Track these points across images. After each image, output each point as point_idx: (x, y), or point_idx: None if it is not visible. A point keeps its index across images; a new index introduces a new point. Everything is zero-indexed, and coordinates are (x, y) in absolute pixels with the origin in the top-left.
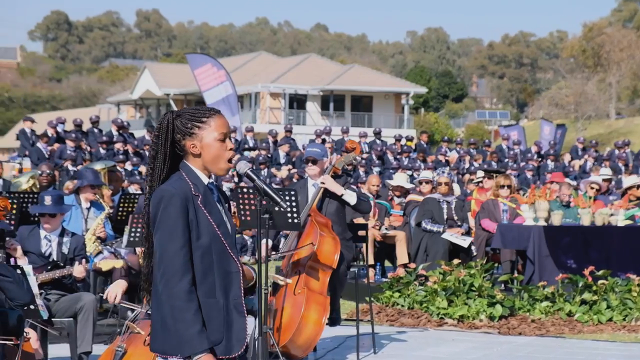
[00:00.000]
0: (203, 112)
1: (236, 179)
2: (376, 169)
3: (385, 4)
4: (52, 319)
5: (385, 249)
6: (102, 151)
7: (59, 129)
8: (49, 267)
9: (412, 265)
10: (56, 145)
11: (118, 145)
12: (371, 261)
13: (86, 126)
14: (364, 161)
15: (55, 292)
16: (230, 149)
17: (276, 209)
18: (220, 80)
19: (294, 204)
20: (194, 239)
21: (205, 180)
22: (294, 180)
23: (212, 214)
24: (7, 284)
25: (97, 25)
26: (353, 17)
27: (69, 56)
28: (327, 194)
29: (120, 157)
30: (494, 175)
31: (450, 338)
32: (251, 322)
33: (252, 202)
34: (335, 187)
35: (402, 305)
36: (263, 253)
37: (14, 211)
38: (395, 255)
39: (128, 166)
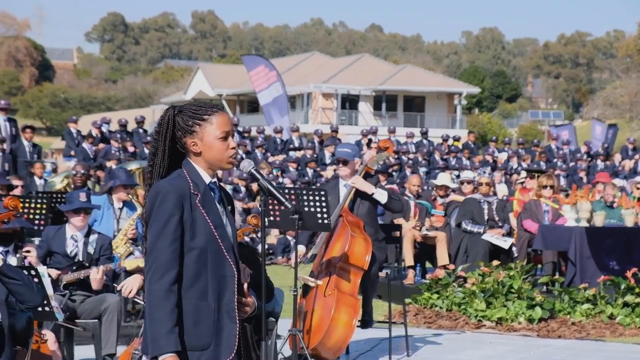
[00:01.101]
0: (205, 109)
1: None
2: (422, 169)
3: (441, 4)
4: (77, 321)
5: (426, 250)
6: (147, 151)
7: (104, 129)
8: (74, 268)
9: (452, 267)
10: (101, 146)
11: None
12: (411, 262)
13: (132, 126)
14: (410, 161)
15: (81, 293)
16: (233, 148)
17: (307, 209)
18: (271, 81)
19: (323, 204)
20: (188, 239)
21: (207, 179)
22: None
23: (210, 214)
24: (16, 286)
25: (153, 26)
26: (408, 17)
27: (125, 57)
28: (358, 194)
29: None
30: (537, 175)
31: (488, 341)
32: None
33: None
34: (366, 187)
35: (441, 307)
36: (300, 255)
37: (43, 211)
38: (436, 256)
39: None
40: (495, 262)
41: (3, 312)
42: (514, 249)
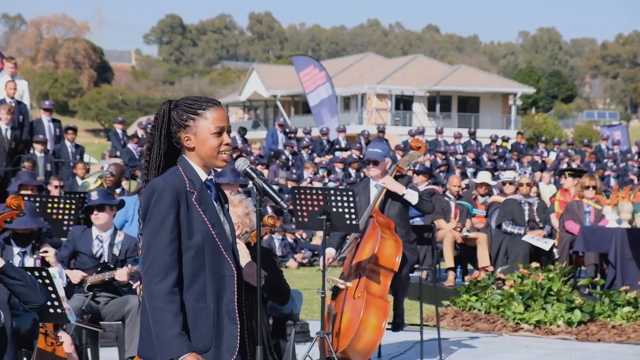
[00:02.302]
0: (200, 103)
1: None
2: (470, 170)
3: (497, 5)
4: (101, 322)
5: (467, 251)
6: None
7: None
8: (99, 269)
9: (490, 268)
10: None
11: None
12: (451, 264)
13: None
14: (459, 162)
15: (105, 295)
16: (227, 144)
17: (335, 210)
18: (321, 81)
19: (351, 205)
20: (185, 238)
21: (204, 176)
22: None
23: (207, 213)
24: (19, 287)
25: (211, 28)
26: (465, 18)
27: (182, 59)
28: (389, 195)
29: None
30: (569, 174)
31: (524, 344)
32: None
33: (310, 202)
34: (396, 187)
35: (479, 310)
36: (330, 261)
37: (72, 212)
38: (477, 257)
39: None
40: (535, 264)
41: (5, 313)
42: (555, 250)
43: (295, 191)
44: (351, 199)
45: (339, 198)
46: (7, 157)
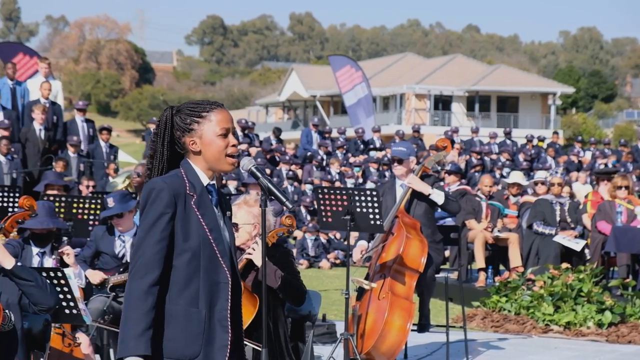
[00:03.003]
0: (203, 106)
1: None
2: (506, 170)
3: (538, 4)
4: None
5: (498, 251)
6: None
7: None
8: (122, 269)
9: (521, 269)
10: None
11: (243, 146)
12: (482, 264)
13: None
14: (498, 163)
15: None
16: (233, 145)
17: (359, 210)
18: (357, 81)
19: (375, 204)
20: (181, 240)
21: (205, 180)
22: None
23: (206, 217)
24: (29, 288)
25: (252, 29)
26: (505, 17)
27: (224, 60)
28: (415, 194)
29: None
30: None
31: (553, 346)
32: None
33: (334, 202)
34: (422, 187)
35: (509, 311)
36: (357, 257)
37: (97, 212)
38: (508, 258)
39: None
40: (565, 265)
41: (16, 314)
42: (586, 251)
43: (319, 191)
44: (375, 198)
45: (362, 198)
46: (41, 157)
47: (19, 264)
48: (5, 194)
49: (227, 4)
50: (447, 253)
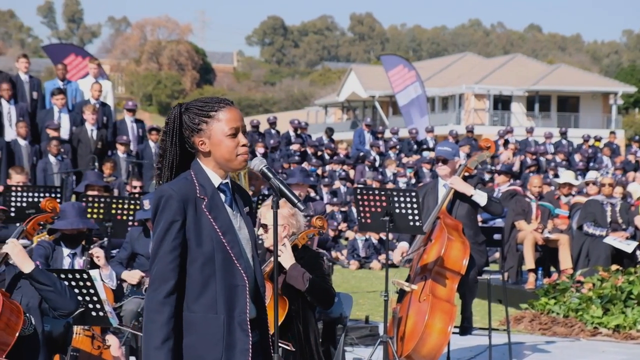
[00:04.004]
0: (212, 104)
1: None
2: (561, 170)
3: (601, 3)
4: None
5: (549, 253)
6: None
7: None
8: None
9: (570, 271)
10: None
11: (295, 147)
12: (532, 266)
13: (264, 127)
14: (553, 164)
15: None
16: (243, 145)
17: (398, 211)
18: (410, 81)
19: (415, 205)
20: (194, 245)
21: (217, 181)
22: None
23: (218, 220)
24: (48, 293)
25: (312, 29)
26: (567, 17)
27: (284, 60)
28: (457, 195)
29: (296, 158)
30: None
31: (601, 349)
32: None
33: (373, 203)
34: (464, 187)
35: (557, 313)
36: (397, 259)
37: (131, 212)
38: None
39: (305, 167)
40: (615, 267)
41: (37, 318)
42: (638, 252)
43: (358, 192)
44: (414, 199)
45: (402, 199)
46: (93, 157)
47: (39, 267)
48: (47, 194)
49: (288, 5)
50: (497, 255)
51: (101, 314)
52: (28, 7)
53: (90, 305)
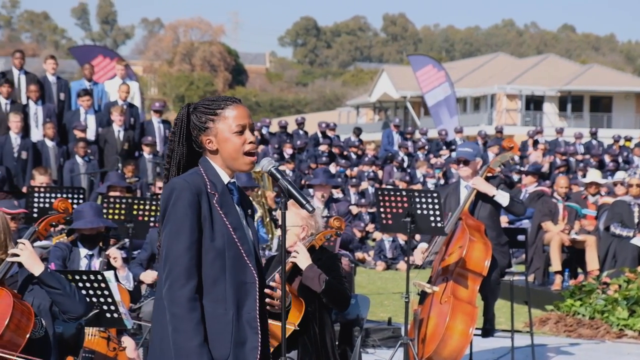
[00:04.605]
0: (218, 102)
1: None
2: (597, 172)
3: (636, 3)
4: None
5: (576, 254)
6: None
7: (264, 131)
8: None
9: (596, 272)
10: (261, 147)
11: (323, 147)
12: (558, 267)
13: (292, 128)
14: (581, 164)
15: None
16: (251, 142)
17: (419, 212)
18: (440, 81)
19: (436, 206)
20: (208, 240)
21: (226, 179)
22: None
23: (229, 216)
24: (57, 296)
25: (345, 30)
26: (601, 16)
27: (316, 61)
28: (480, 196)
29: (324, 159)
30: None
31: (626, 352)
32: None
33: (394, 203)
34: (486, 188)
35: (583, 315)
36: (419, 260)
37: (152, 213)
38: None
39: (332, 168)
40: None
41: (48, 320)
42: None
43: (379, 193)
44: (436, 200)
45: (423, 199)
46: (117, 158)
47: (48, 269)
48: (70, 195)
49: (321, 6)
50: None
51: (116, 315)
52: (62, 9)
53: (105, 307)
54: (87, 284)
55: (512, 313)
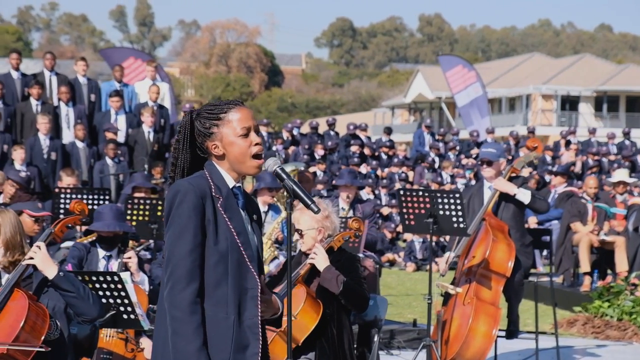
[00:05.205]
0: (221, 107)
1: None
2: (624, 171)
3: None
4: None
5: (605, 255)
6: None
7: (295, 132)
8: None
9: (625, 274)
10: (292, 148)
11: (354, 148)
12: (587, 268)
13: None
14: (615, 164)
15: None
16: (257, 144)
17: (442, 212)
18: (470, 81)
19: (459, 207)
20: (212, 243)
21: (231, 183)
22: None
23: (233, 220)
24: (71, 299)
25: (381, 30)
26: (639, 16)
27: (352, 62)
28: (502, 196)
29: (355, 159)
30: None
31: None
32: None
33: (416, 204)
34: (508, 187)
35: (611, 317)
36: (444, 266)
37: None
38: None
39: (363, 169)
40: None
41: (63, 322)
42: None
43: (401, 193)
44: (458, 201)
45: (445, 200)
46: (150, 159)
47: (61, 273)
48: (96, 196)
49: (356, 6)
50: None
51: (132, 316)
52: (100, 11)
53: (122, 308)
54: (104, 285)
55: (536, 314)
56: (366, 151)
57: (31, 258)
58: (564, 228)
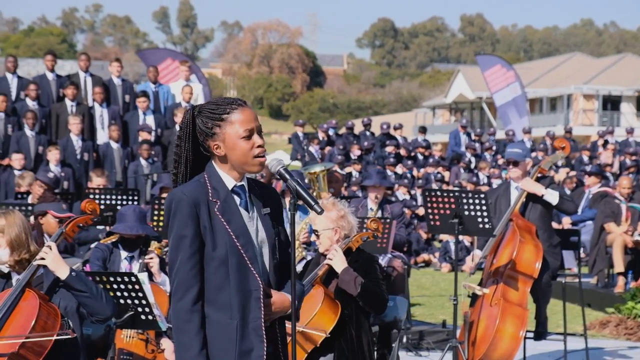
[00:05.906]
0: (223, 107)
1: None
2: None
3: None
4: None
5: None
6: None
7: (331, 132)
8: None
9: None
10: (327, 149)
11: (389, 149)
12: (621, 269)
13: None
14: None
15: None
16: (259, 146)
17: (467, 213)
18: (509, 81)
19: (484, 207)
20: (210, 249)
21: (231, 184)
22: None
23: (232, 223)
24: (84, 298)
25: (422, 31)
26: None
27: (394, 62)
28: (530, 197)
29: (391, 160)
30: None
31: None
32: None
33: (442, 205)
34: (535, 188)
35: None
36: (472, 265)
37: None
38: None
39: (399, 169)
40: None
41: (75, 322)
42: None
43: (427, 194)
44: (484, 201)
45: (471, 201)
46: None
47: (73, 273)
48: (125, 196)
49: (398, 7)
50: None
51: (150, 317)
52: (144, 13)
53: (140, 309)
54: (122, 286)
55: (564, 315)
56: (402, 152)
57: (42, 259)
58: (597, 228)
